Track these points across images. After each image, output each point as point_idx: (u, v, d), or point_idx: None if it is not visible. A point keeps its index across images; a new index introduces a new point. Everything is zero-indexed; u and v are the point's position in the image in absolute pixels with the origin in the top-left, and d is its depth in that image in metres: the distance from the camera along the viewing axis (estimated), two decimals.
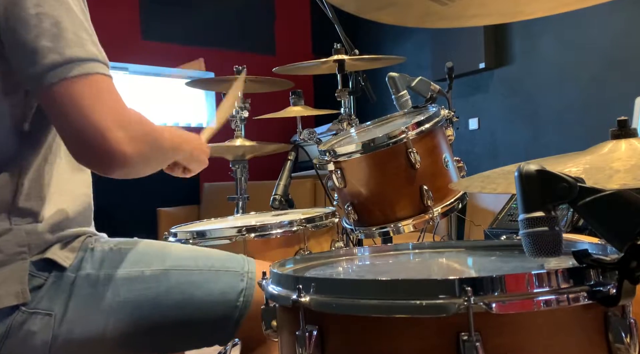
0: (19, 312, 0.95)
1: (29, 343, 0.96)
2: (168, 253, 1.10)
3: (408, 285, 0.68)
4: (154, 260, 1.07)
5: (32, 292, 0.96)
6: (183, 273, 1.07)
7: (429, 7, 1.16)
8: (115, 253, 1.06)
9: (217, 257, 1.14)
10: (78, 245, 1.04)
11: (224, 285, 1.09)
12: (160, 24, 4.77)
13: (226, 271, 1.11)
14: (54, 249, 1.00)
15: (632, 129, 0.96)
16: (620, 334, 0.66)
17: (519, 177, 0.71)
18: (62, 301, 0.98)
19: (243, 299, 1.09)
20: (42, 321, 0.97)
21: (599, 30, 3.41)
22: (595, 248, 0.82)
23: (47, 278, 0.98)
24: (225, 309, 1.08)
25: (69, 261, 1.00)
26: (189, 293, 1.06)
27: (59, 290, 0.99)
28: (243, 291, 1.09)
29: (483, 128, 4.23)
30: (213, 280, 1.09)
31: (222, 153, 2.48)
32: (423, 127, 1.47)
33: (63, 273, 1.00)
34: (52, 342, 0.97)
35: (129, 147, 0.91)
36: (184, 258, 1.10)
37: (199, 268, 1.09)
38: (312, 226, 1.56)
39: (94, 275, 1.02)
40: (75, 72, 0.90)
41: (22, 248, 0.96)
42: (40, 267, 0.98)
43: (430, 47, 4.46)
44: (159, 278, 1.05)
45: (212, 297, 1.07)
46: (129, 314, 1.02)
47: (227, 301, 1.08)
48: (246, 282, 1.10)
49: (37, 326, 0.96)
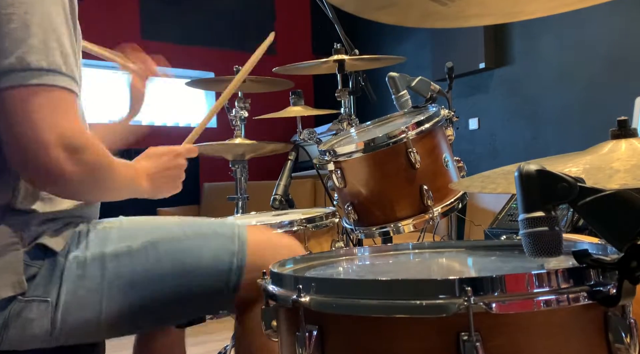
0: (16, 302, 0.95)
1: (29, 331, 0.96)
2: (154, 225, 1.09)
3: (408, 285, 0.68)
4: (140, 234, 1.05)
5: (28, 282, 0.96)
6: (172, 242, 1.05)
7: (429, 7, 1.16)
8: (101, 232, 1.05)
9: (207, 223, 1.12)
10: (69, 231, 1.03)
11: (215, 249, 1.07)
12: (160, 24, 4.77)
13: (215, 234, 1.09)
14: (46, 235, 0.99)
15: (632, 129, 0.96)
16: (620, 334, 0.66)
17: (519, 176, 0.71)
18: (56, 287, 0.98)
19: (237, 261, 1.06)
20: (39, 308, 0.96)
21: (599, 30, 3.41)
22: (595, 248, 0.82)
23: (40, 266, 0.98)
24: (220, 273, 1.06)
25: (60, 246, 0.99)
26: (180, 261, 1.04)
27: (52, 276, 0.98)
28: (235, 253, 1.07)
29: (483, 128, 4.23)
30: (203, 245, 1.07)
31: (222, 153, 2.48)
32: (423, 126, 1.47)
33: (55, 258, 0.99)
34: (51, 328, 0.97)
35: (68, 167, 0.90)
36: (172, 228, 1.08)
37: (187, 235, 1.07)
38: (313, 226, 1.56)
39: (81, 257, 1.00)
40: (32, 81, 0.88)
41: (14, 239, 0.96)
42: (34, 255, 0.97)
43: (430, 47, 4.46)
44: (147, 250, 1.03)
45: (204, 262, 1.05)
46: (122, 291, 1.01)
47: (221, 264, 1.06)
48: (237, 245, 1.08)
49: (35, 314, 0.96)
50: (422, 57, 4.46)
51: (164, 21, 4.78)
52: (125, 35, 4.59)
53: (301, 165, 4.06)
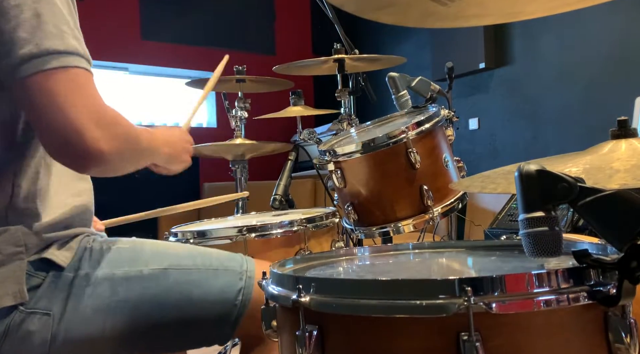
0: (17, 312, 0.95)
1: (27, 343, 0.96)
2: (166, 252, 1.10)
3: (408, 285, 0.68)
4: (152, 260, 1.07)
5: (30, 292, 0.96)
6: (182, 272, 1.07)
7: (429, 7, 1.16)
8: (114, 252, 1.06)
9: (216, 256, 1.14)
10: (76, 245, 1.03)
11: (223, 284, 1.09)
12: (160, 24, 4.77)
13: (225, 270, 1.10)
14: (52, 249, 0.99)
15: (632, 129, 0.96)
16: (620, 334, 0.66)
17: (519, 176, 0.71)
18: (61, 301, 0.98)
19: (242, 298, 1.08)
20: (40, 320, 0.96)
21: (599, 30, 3.41)
22: (595, 248, 0.82)
23: (45, 278, 0.98)
24: (224, 309, 1.08)
25: (67, 261, 1.00)
26: (187, 292, 1.06)
27: (57, 290, 0.98)
28: (242, 290, 1.09)
29: (483, 128, 4.23)
30: (212, 278, 1.08)
31: (222, 153, 2.48)
32: (423, 127, 1.47)
33: (61, 272, 0.99)
34: (50, 341, 0.97)
35: (105, 145, 0.89)
36: (183, 257, 1.10)
37: (198, 267, 1.09)
38: (313, 226, 1.56)
39: (92, 275, 1.01)
40: (52, 64, 0.88)
41: (19, 248, 0.96)
42: (38, 267, 0.97)
43: (430, 47, 4.46)
44: (158, 277, 1.05)
45: (210, 296, 1.07)
46: (128, 314, 1.02)
47: (226, 300, 1.08)
48: (245, 281, 1.10)
49: (36, 326, 0.96)
50: (422, 57, 4.46)
51: (164, 21, 4.78)
52: (125, 35, 4.59)
53: (301, 165, 4.05)
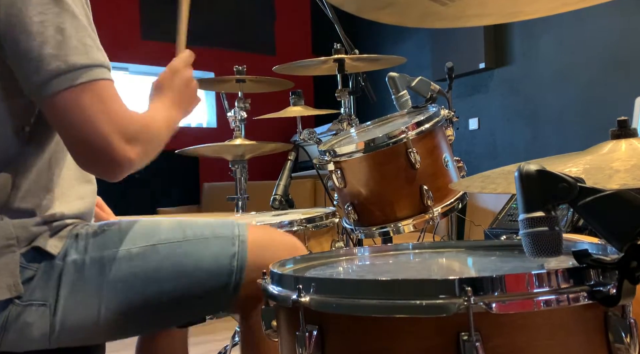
0: (13, 305, 0.95)
1: (27, 335, 0.96)
2: (154, 228, 1.08)
3: (408, 285, 0.68)
4: (140, 237, 1.05)
5: (24, 284, 0.95)
6: (171, 246, 1.05)
7: (429, 7, 1.16)
8: (100, 235, 1.04)
9: (206, 224, 1.11)
10: (66, 234, 1.02)
11: (216, 251, 1.06)
12: (160, 24, 4.77)
13: (216, 237, 1.08)
14: (42, 238, 0.98)
15: (632, 129, 0.96)
16: (620, 334, 0.66)
17: (519, 177, 0.71)
18: (54, 290, 0.97)
19: (237, 263, 1.06)
20: (37, 312, 0.96)
21: (599, 30, 3.41)
22: (595, 248, 0.82)
23: (37, 269, 0.97)
24: (220, 276, 1.06)
25: (57, 250, 0.99)
26: (180, 264, 1.04)
27: (50, 280, 0.98)
28: (236, 254, 1.07)
29: (483, 128, 4.23)
30: (203, 248, 1.06)
31: (222, 154, 2.48)
32: (423, 127, 1.47)
33: (52, 261, 0.98)
34: (50, 332, 0.97)
35: (134, 154, 0.94)
36: (171, 231, 1.08)
37: (187, 238, 1.07)
38: (313, 226, 1.56)
39: (79, 260, 1.00)
40: (80, 80, 0.90)
41: (10, 241, 0.95)
42: (30, 258, 0.97)
43: (430, 47, 4.46)
44: (147, 254, 1.03)
45: (204, 265, 1.05)
46: (121, 295, 1.01)
47: (221, 266, 1.06)
48: (238, 245, 1.07)
49: (33, 318, 0.96)
50: (422, 57, 4.46)
51: (164, 21, 4.76)
52: (125, 35, 4.59)
53: (301, 165, 4.06)
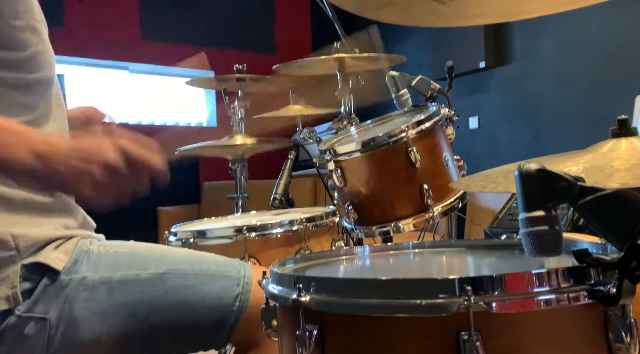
0: (12, 316, 0.94)
1: (24, 348, 0.95)
2: (164, 257, 1.10)
3: (408, 284, 0.68)
4: (150, 264, 1.07)
5: (24, 296, 0.95)
6: (179, 277, 1.07)
7: (429, 7, 1.16)
8: (112, 256, 1.05)
9: (214, 261, 1.14)
10: (72, 247, 1.02)
11: (220, 290, 1.08)
12: (160, 23, 4.77)
13: (222, 275, 1.10)
14: (46, 251, 0.98)
15: (632, 128, 0.96)
16: (621, 333, 0.66)
17: (519, 175, 0.70)
18: (57, 305, 0.97)
19: (239, 304, 1.08)
20: (36, 325, 0.96)
21: (599, 29, 3.41)
22: (596, 247, 0.82)
23: (39, 282, 0.97)
24: (221, 314, 1.08)
25: (62, 264, 0.99)
26: (184, 297, 1.06)
27: (53, 294, 0.97)
28: (239, 295, 1.09)
29: (483, 127, 4.23)
30: (209, 284, 1.08)
31: (222, 153, 2.48)
32: (423, 125, 1.47)
33: (57, 276, 0.98)
34: (47, 346, 0.96)
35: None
36: (181, 262, 1.10)
37: (195, 272, 1.09)
38: (313, 225, 1.56)
39: (90, 278, 1.01)
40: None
41: (11, 252, 0.95)
42: (32, 270, 0.96)
43: (430, 46, 4.46)
44: (155, 281, 1.05)
45: (207, 301, 1.07)
46: (125, 318, 1.02)
47: (223, 305, 1.08)
48: (242, 287, 1.10)
49: (32, 331, 0.95)
50: (422, 56, 4.46)
51: (164, 21, 4.78)
52: (125, 35, 4.59)
53: (301, 164, 4.06)
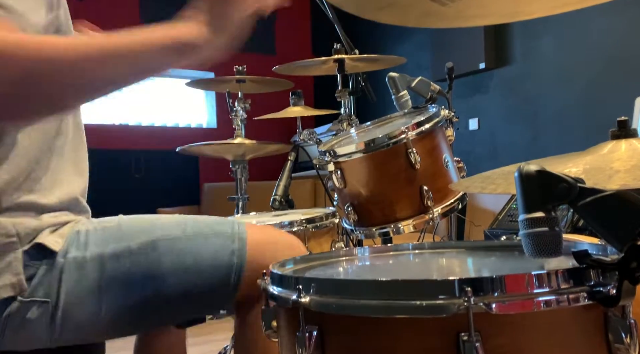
0: (15, 302, 0.95)
1: (28, 332, 0.96)
2: (153, 225, 1.08)
3: (408, 285, 0.68)
4: (139, 233, 1.05)
5: (27, 282, 0.95)
6: (171, 242, 1.05)
7: (429, 7, 1.16)
8: (100, 232, 1.04)
9: (205, 221, 1.12)
10: (66, 231, 1.02)
11: (215, 248, 1.06)
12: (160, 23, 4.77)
13: (215, 234, 1.08)
14: (44, 234, 0.98)
15: (632, 129, 0.96)
16: (620, 334, 0.66)
17: (519, 177, 0.71)
18: (55, 288, 0.97)
19: (237, 260, 1.06)
20: (39, 309, 0.96)
21: (599, 30, 3.41)
22: (595, 248, 0.82)
23: (39, 267, 0.97)
24: (219, 273, 1.06)
25: (58, 246, 0.99)
26: (179, 260, 1.04)
27: (52, 277, 0.98)
28: (235, 251, 1.07)
29: (483, 128, 4.23)
30: (202, 244, 1.06)
31: (223, 154, 2.48)
32: (423, 127, 1.47)
33: (54, 258, 0.98)
34: (51, 329, 0.97)
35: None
36: (171, 227, 1.08)
37: (187, 234, 1.07)
38: (313, 226, 1.56)
39: (80, 257, 1.00)
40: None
41: (12, 238, 0.95)
42: (33, 256, 0.97)
43: (430, 47, 4.46)
44: (147, 250, 1.03)
45: (204, 261, 1.05)
46: (122, 291, 1.01)
47: (220, 263, 1.06)
48: (237, 242, 1.07)
49: (35, 315, 0.96)
50: (422, 57, 4.46)
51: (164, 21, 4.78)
52: None
53: (301, 165, 4.06)
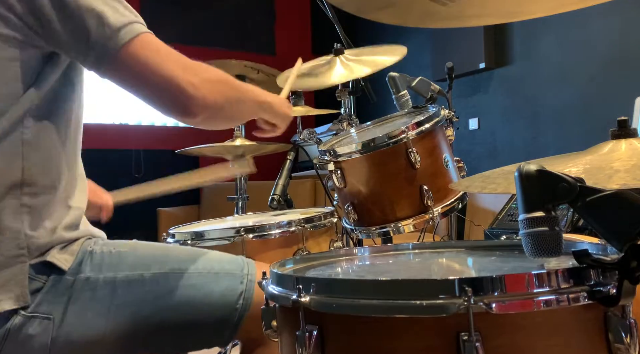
0: (17, 316, 0.95)
1: (28, 347, 0.96)
2: (167, 256, 1.10)
3: (408, 285, 0.68)
4: (153, 263, 1.07)
5: (30, 295, 0.96)
6: (183, 276, 1.07)
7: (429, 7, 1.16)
8: (115, 256, 1.06)
9: (217, 259, 1.14)
10: (77, 248, 1.03)
11: (224, 288, 1.09)
12: (160, 24, 4.76)
13: (226, 273, 1.11)
14: (53, 252, 0.99)
15: (632, 129, 0.96)
16: (620, 334, 0.66)
17: (519, 176, 0.71)
18: (61, 305, 0.98)
19: (242, 301, 1.08)
20: (40, 325, 0.96)
21: (599, 30, 3.41)
22: (596, 248, 0.82)
23: (45, 282, 0.97)
24: (224, 312, 1.08)
25: (67, 264, 1.00)
26: (188, 295, 1.06)
27: (58, 294, 0.98)
28: (243, 293, 1.09)
29: (483, 128, 4.23)
30: (213, 282, 1.09)
31: (222, 153, 2.48)
32: (423, 127, 1.47)
33: (62, 276, 0.99)
34: (51, 345, 0.97)
35: (204, 89, 0.98)
36: (184, 261, 1.10)
37: (199, 270, 1.09)
38: (311, 226, 1.56)
39: (93, 279, 1.01)
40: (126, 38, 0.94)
41: (21, 251, 0.95)
42: (39, 270, 0.97)
43: (430, 47, 4.46)
44: (159, 281, 1.05)
45: (211, 299, 1.07)
46: (129, 318, 1.02)
47: (227, 303, 1.08)
48: (246, 284, 1.10)
49: (36, 330, 0.96)
50: (422, 57, 4.46)
51: (164, 21, 4.78)
52: None
53: (301, 165, 4.06)
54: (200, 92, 0.97)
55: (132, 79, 0.97)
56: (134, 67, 0.95)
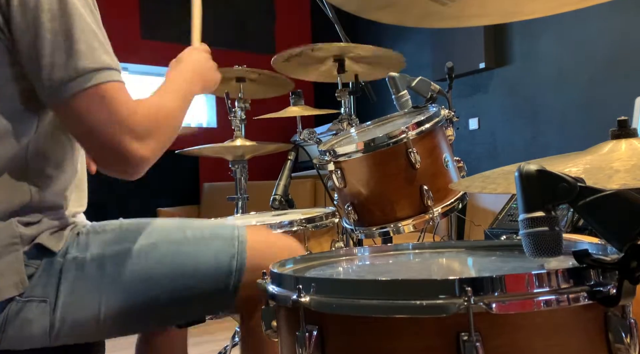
0: (14, 302, 0.95)
1: (27, 331, 0.96)
2: (154, 228, 1.09)
3: (408, 285, 0.68)
4: (139, 236, 1.06)
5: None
6: (171, 245, 1.06)
7: (429, 7, 1.16)
8: (101, 234, 1.05)
9: (206, 225, 1.13)
10: (67, 232, 1.03)
11: (215, 252, 1.07)
12: (160, 24, 4.77)
13: (215, 238, 1.09)
14: (43, 236, 0.99)
15: (632, 129, 0.96)
16: (620, 334, 0.66)
17: (519, 176, 0.71)
18: (54, 287, 0.98)
19: (236, 263, 1.07)
20: (37, 308, 0.96)
21: (599, 30, 3.41)
22: (596, 248, 0.82)
23: (38, 266, 0.98)
24: (219, 276, 1.07)
25: (58, 247, 1.00)
26: (179, 263, 1.05)
27: (50, 276, 0.98)
28: (235, 255, 1.08)
29: (483, 128, 4.23)
30: (203, 248, 1.07)
31: (222, 154, 2.48)
32: (423, 126, 1.47)
33: (53, 258, 0.99)
34: (50, 328, 0.97)
35: (147, 150, 0.95)
36: (171, 231, 1.09)
37: (188, 238, 1.08)
38: (312, 226, 1.56)
39: (80, 258, 1.01)
40: (87, 84, 0.92)
41: (15, 240, 0.96)
42: (32, 255, 0.97)
43: (430, 47, 4.46)
44: (147, 252, 1.04)
45: (204, 265, 1.06)
46: (121, 292, 1.01)
47: (220, 266, 1.07)
48: (237, 246, 1.09)
49: (34, 314, 0.96)
50: (422, 57, 4.46)
51: (164, 21, 4.78)
52: (125, 35, 4.59)
53: (301, 165, 4.06)
54: (145, 158, 0.96)
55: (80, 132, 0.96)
56: (77, 120, 0.94)
